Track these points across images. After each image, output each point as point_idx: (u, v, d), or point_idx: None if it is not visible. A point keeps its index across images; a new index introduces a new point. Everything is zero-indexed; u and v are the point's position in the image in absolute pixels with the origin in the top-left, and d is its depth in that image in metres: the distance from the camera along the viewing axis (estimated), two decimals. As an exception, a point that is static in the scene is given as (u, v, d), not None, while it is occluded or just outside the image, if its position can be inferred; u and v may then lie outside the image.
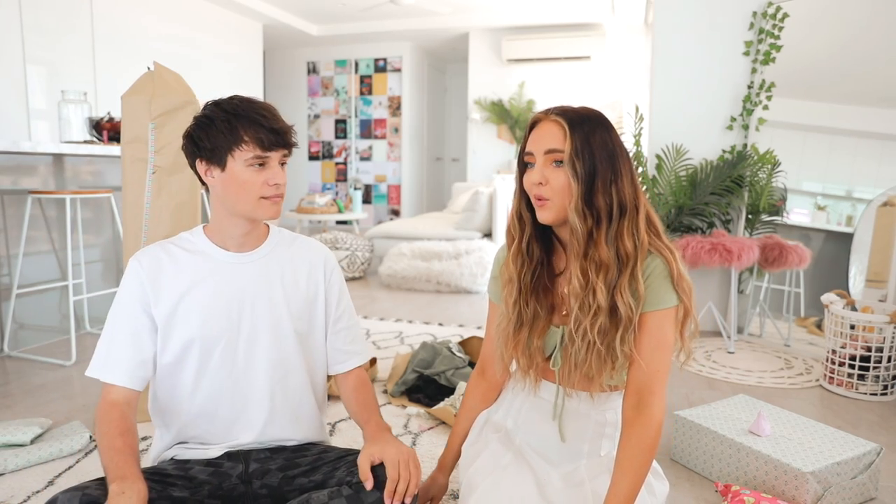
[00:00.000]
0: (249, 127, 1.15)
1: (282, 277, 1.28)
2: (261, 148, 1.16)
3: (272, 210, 1.21)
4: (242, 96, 1.20)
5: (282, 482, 1.23)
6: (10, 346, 2.77)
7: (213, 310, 1.22)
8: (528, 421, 1.27)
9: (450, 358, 2.29)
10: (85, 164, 3.11)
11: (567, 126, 1.08)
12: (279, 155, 1.19)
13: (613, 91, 6.92)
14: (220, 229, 1.26)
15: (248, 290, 1.24)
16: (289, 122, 1.23)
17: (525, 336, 1.18)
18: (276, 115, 1.19)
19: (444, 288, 4.37)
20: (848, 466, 1.55)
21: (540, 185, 1.10)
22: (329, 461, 1.25)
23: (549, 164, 1.10)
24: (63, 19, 4.59)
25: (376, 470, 1.14)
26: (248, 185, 1.17)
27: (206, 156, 1.18)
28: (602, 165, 1.07)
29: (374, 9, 6.76)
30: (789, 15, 3.00)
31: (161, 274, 1.22)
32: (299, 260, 1.32)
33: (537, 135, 1.12)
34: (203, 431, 1.26)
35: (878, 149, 2.88)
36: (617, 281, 1.08)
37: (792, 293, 3.06)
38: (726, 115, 3.20)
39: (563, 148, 1.08)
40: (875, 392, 2.34)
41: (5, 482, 1.62)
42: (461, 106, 8.93)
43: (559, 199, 1.09)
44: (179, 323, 1.21)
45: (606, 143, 1.09)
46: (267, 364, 1.25)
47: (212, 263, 1.24)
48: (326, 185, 8.57)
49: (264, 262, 1.28)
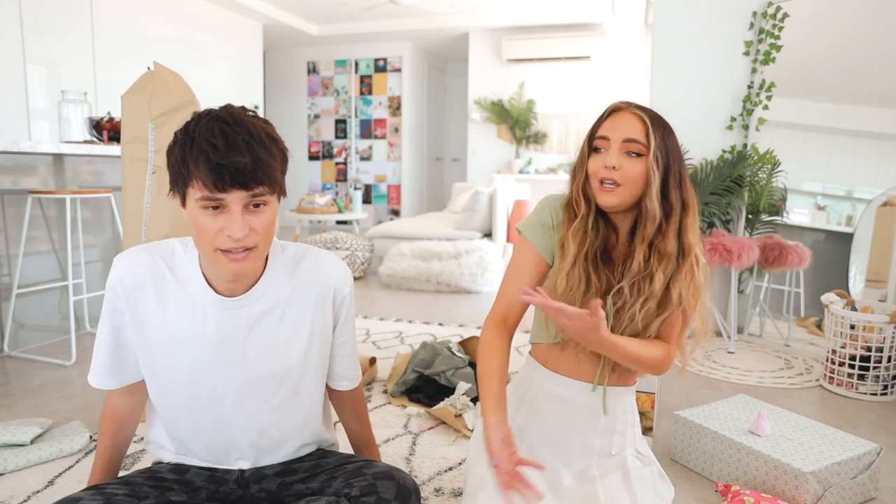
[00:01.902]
0: (198, 159, 0.93)
1: (279, 320, 1.11)
2: (208, 188, 0.93)
3: (231, 267, 0.98)
4: (221, 111, 0.98)
5: (279, 487, 1.21)
6: (10, 345, 2.77)
7: (194, 353, 1.08)
8: (539, 418, 1.27)
9: (450, 358, 2.29)
10: (85, 164, 3.11)
11: (649, 122, 1.13)
12: (239, 197, 0.94)
13: (613, 91, 6.93)
14: (207, 266, 1.07)
15: (237, 336, 1.09)
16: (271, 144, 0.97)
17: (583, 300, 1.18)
18: (236, 144, 0.93)
19: (444, 288, 4.37)
20: (848, 466, 1.55)
21: (613, 170, 1.13)
22: (328, 468, 1.22)
23: (625, 152, 1.13)
24: (63, 19, 4.59)
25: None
26: (201, 230, 0.97)
27: (171, 184, 1.00)
28: (674, 164, 1.14)
29: (374, 9, 6.76)
30: (789, 15, 3.00)
31: (142, 301, 1.08)
32: (304, 294, 1.13)
33: (617, 122, 1.15)
34: (197, 448, 1.20)
35: (877, 149, 2.88)
36: (675, 271, 1.15)
37: (792, 293, 3.06)
38: (726, 115, 3.20)
39: (643, 140, 1.12)
40: (875, 392, 2.34)
41: (5, 482, 1.62)
42: (461, 106, 8.93)
43: (630, 186, 1.13)
44: (160, 362, 1.10)
45: (675, 146, 1.16)
46: (259, 409, 1.14)
47: (197, 304, 1.07)
48: (326, 184, 8.57)
49: (257, 306, 1.09)
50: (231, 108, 0.99)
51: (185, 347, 1.08)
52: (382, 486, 1.11)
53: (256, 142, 0.95)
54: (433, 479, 1.66)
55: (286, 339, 1.13)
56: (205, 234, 0.97)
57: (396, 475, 1.16)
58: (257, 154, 0.94)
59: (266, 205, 0.98)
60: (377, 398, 2.26)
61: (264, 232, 0.99)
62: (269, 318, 1.11)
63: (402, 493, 1.12)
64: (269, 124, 1.01)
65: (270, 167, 0.96)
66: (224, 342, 1.09)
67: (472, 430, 1.93)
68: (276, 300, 1.11)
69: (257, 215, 0.98)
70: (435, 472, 1.69)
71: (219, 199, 0.94)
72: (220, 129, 0.94)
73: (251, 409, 1.14)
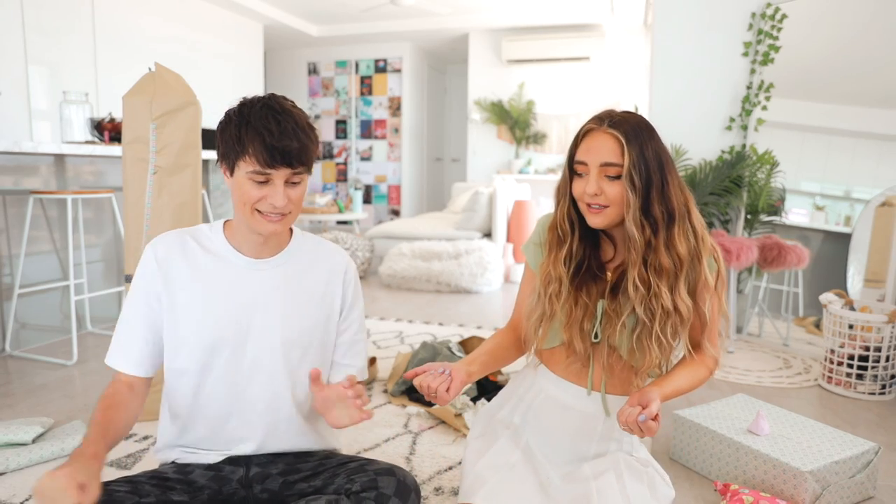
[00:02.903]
0: (254, 139, 1.08)
1: (297, 287, 1.23)
2: (260, 164, 1.09)
3: (267, 227, 1.14)
4: (270, 100, 1.13)
5: (282, 487, 1.22)
6: (12, 345, 2.78)
7: (221, 315, 1.18)
8: (537, 419, 1.28)
9: (450, 358, 2.30)
10: (86, 165, 3.12)
11: (624, 140, 1.10)
12: (284, 174, 1.11)
13: (613, 91, 6.93)
14: (237, 232, 1.22)
15: (259, 298, 1.20)
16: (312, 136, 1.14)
17: (580, 317, 1.20)
18: (287, 131, 1.09)
19: (444, 288, 4.37)
20: (846, 465, 1.55)
21: (595, 196, 1.13)
22: (330, 467, 1.23)
23: (604, 176, 1.12)
24: (64, 20, 4.60)
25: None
26: (245, 196, 1.12)
27: (221, 157, 1.16)
28: (655, 176, 1.11)
29: (374, 9, 6.76)
30: (788, 16, 3.01)
31: (174, 269, 1.19)
32: (318, 268, 1.27)
33: (592, 145, 1.13)
34: (203, 437, 1.23)
35: (876, 149, 2.88)
36: (675, 283, 1.14)
37: (790, 293, 3.07)
38: (725, 116, 3.20)
39: (620, 162, 1.10)
40: (873, 391, 2.35)
41: (7, 481, 1.62)
42: (461, 106, 8.94)
43: (615, 207, 1.13)
44: (186, 323, 1.18)
45: (657, 152, 1.13)
46: (272, 376, 1.21)
47: (226, 267, 1.20)
48: (327, 185, 8.58)
49: (281, 269, 1.23)
50: (277, 98, 1.15)
51: (213, 310, 1.18)
52: (383, 482, 1.12)
53: (301, 129, 1.12)
54: (433, 478, 1.66)
55: (302, 303, 1.24)
56: (249, 199, 1.12)
57: (398, 472, 1.17)
58: (302, 140, 1.11)
59: (302, 181, 1.16)
60: (377, 398, 2.26)
61: (298, 201, 1.16)
62: (290, 282, 1.23)
63: (402, 490, 1.13)
64: (306, 114, 1.17)
65: (310, 151, 1.14)
66: (249, 304, 1.20)
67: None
68: (296, 269, 1.25)
69: (295, 188, 1.15)
70: (435, 472, 1.70)
71: (268, 174, 1.10)
72: (273, 116, 1.10)
73: (264, 375, 1.21)
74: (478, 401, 2.10)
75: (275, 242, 1.23)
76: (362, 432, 1.95)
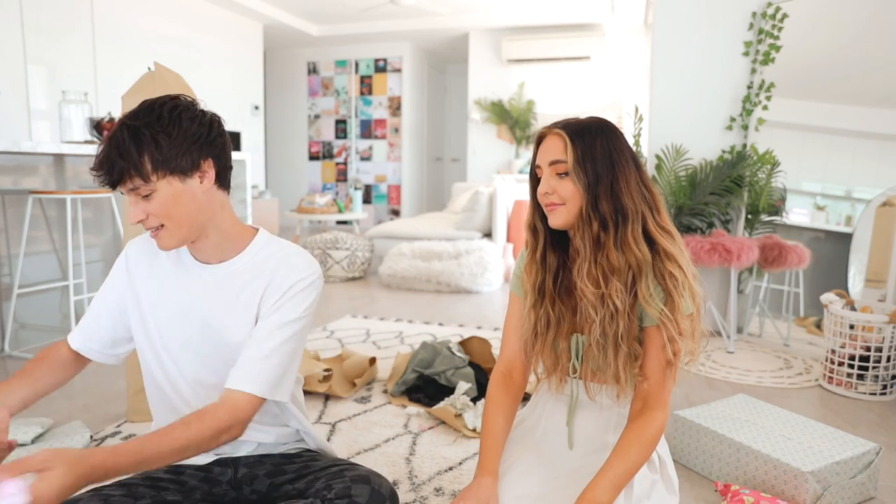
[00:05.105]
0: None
1: (240, 293, 1.18)
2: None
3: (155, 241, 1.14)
4: (124, 118, 1.10)
5: (270, 489, 1.23)
6: (11, 345, 2.77)
7: (170, 317, 1.21)
8: (550, 417, 1.30)
9: (450, 358, 2.30)
10: (85, 165, 3.12)
11: (567, 138, 1.13)
12: (124, 190, 1.10)
13: (613, 91, 6.93)
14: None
15: (203, 303, 1.19)
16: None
17: (552, 338, 1.21)
18: (103, 153, 1.06)
19: (444, 288, 4.37)
20: (847, 466, 1.55)
21: (548, 195, 1.16)
22: (314, 470, 1.23)
23: (555, 174, 1.15)
24: (64, 20, 4.60)
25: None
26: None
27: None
28: (604, 172, 1.12)
29: (374, 9, 6.76)
30: (788, 15, 3.00)
31: (138, 267, 1.24)
32: (262, 277, 1.19)
33: (543, 148, 1.18)
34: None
35: (877, 149, 2.88)
36: (637, 284, 1.12)
37: (791, 293, 3.06)
38: (726, 116, 3.20)
39: (565, 158, 1.13)
40: (874, 392, 2.34)
41: (6, 481, 1.62)
42: (461, 106, 8.94)
43: (570, 204, 1.14)
44: (143, 322, 1.22)
45: (608, 150, 1.13)
46: (219, 378, 1.18)
47: (177, 268, 1.23)
48: (326, 185, 8.58)
49: (228, 274, 1.20)
50: (132, 111, 1.11)
51: (165, 308, 1.21)
52: (356, 490, 1.12)
53: (114, 146, 1.05)
54: (433, 478, 1.66)
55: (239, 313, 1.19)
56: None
57: (373, 480, 1.16)
58: (113, 160, 1.05)
59: (154, 191, 1.07)
60: (377, 398, 2.26)
61: (164, 212, 1.09)
62: (231, 291, 1.20)
63: (375, 498, 1.12)
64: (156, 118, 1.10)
65: (130, 167, 1.05)
66: (191, 307, 1.20)
67: (472, 429, 1.94)
68: (244, 276, 1.20)
69: (149, 201, 1.08)
70: (435, 472, 1.69)
71: (122, 192, 1.10)
72: (109, 138, 1.07)
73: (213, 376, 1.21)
74: (478, 401, 2.10)
75: (224, 248, 1.20)
76: (362, 433, 1.95)
